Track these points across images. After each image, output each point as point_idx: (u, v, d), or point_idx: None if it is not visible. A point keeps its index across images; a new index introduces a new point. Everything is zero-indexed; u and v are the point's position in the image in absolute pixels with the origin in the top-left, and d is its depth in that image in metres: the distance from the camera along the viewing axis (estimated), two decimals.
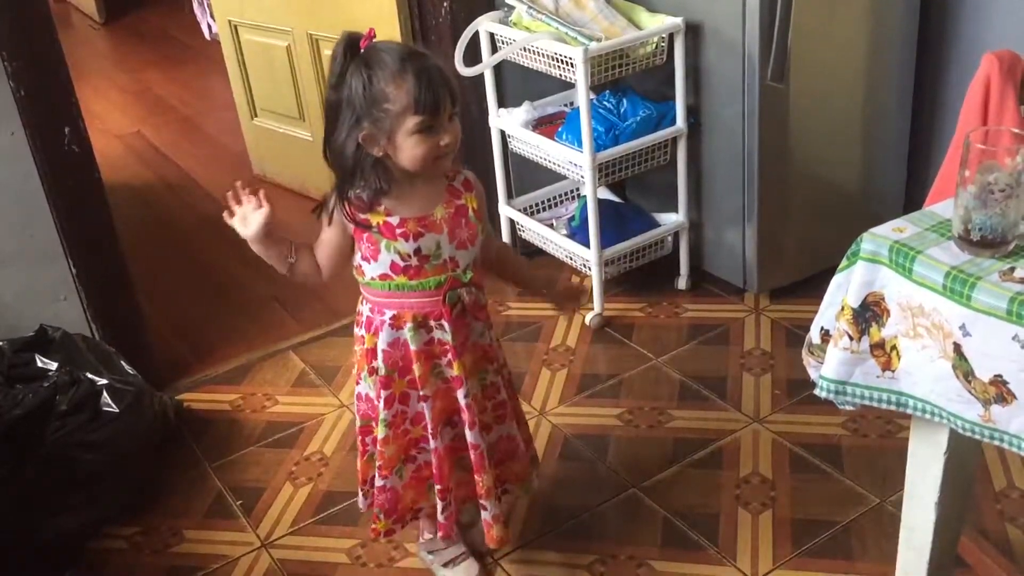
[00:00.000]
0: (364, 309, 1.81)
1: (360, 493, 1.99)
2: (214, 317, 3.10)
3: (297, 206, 3.74)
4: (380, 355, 1.78)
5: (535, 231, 2.99)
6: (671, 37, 2.64)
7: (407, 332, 1.76)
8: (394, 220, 1.69)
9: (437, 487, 1.89)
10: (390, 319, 1.76)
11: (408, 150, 1.62)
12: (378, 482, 1.89)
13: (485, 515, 1.91)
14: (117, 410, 2.25)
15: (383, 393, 1.80)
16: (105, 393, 2.26)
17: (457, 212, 1.74)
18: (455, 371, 1.80)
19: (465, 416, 1.83)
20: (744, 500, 2.18)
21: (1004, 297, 1.24)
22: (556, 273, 2.85)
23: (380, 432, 1.84)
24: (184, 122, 4.81)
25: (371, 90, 1.58)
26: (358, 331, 1.84)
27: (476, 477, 1.88)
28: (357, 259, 1.75)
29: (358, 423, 1.92)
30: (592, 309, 2.85)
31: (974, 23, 2.68)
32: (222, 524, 2.27)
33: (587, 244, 2.77)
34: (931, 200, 1.78)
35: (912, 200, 2.92)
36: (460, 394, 1.82)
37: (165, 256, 3.48)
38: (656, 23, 2.65)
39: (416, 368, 1.78)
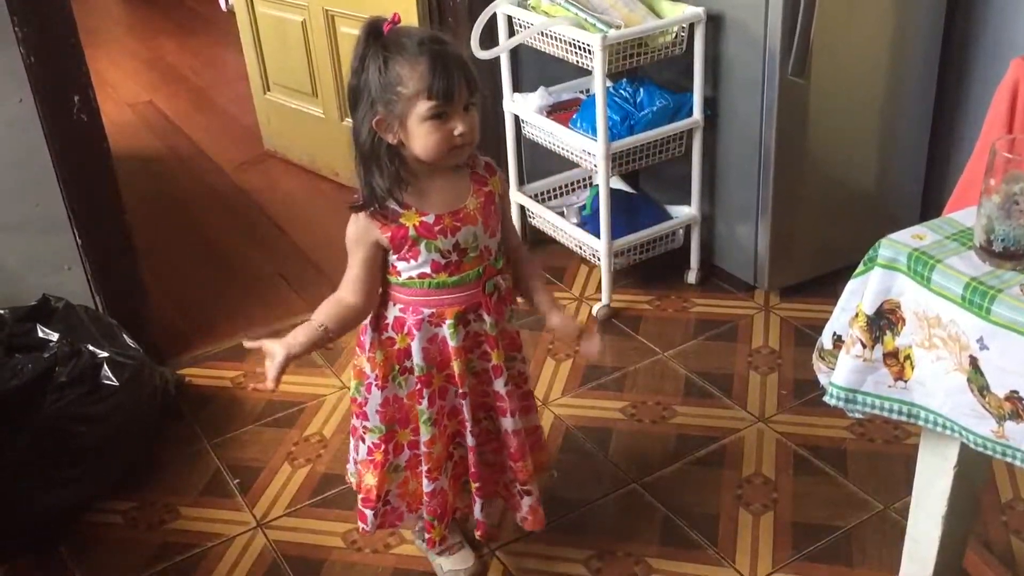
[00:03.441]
0: (391, 311, 1.74)
1: (370, 513, 1.87)
2: (219, 292, 3.08)
3: (307, 183, 3.73)
4: (418, 352, 1.72)
5: (545, 219, 2.96)
6: (691, 27, 2.60)
7: (447, 329, 1.71)
8: (429, 219, 1.64)
9: (475, 485, 1.87)
10: (429, 317, 1.71)
11: (421, 137, 1.57)
12: (427, 487, 1.83)
13: (529, 500, 1.89)
14: (117, 383, 2.23)
15: (426, 391, 1.75)
16: (105, 366, 2.24)
17: (487, 199, 1.70)
18: (494, 360, 1.77)
19: (505, 404, 1.80)
20: (745, 500, 2.16)
21: None
22: (566, 309, 2.41)
23: (425, 433, 1.78)
24: (196, 93, 4.78)
25: (386, 73, 1.54)
26: (381, 335, 1.75)
27: (517, 464, 1.85)
28: (392, 259, 1.69)
29: (379, 433, 1.81)
30: (600, 300, 2.82)
31: (1001, 25, 2.63)
32: (218, 502, 2.26)
33: (597, 234, 2.74)
34: (951, 206, 1.75)
35: (929, 203, 2.88)
36: (499, 383, 1.78)
37: (171, 229, 3.46)
38: (676, 12, 2.61)
39: (456, 365, 1.74)
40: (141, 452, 2.36)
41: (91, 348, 2.26)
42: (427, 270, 1.67)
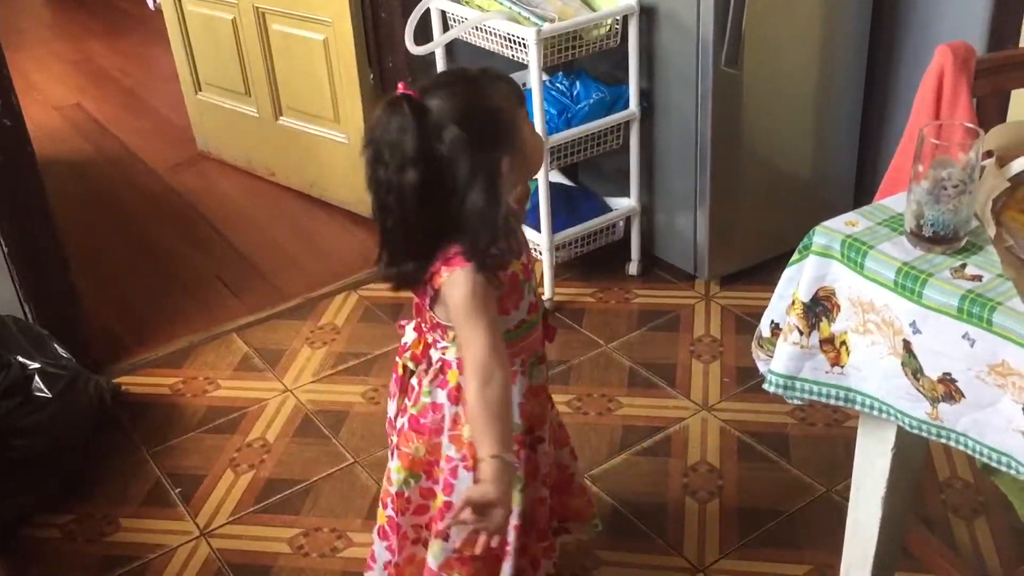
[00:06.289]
0: None
1: None
2: (155, 297, 3.01)
3: (243, 183, 3.67)
4: (517, 410, 1.57)
5: None
6: (625, 19, 2.60)
7: (535, 371, 1.62)
8: (524, 258, 1.56)
9: (542, 544, 1.73)
10: (520, 366, 1.58)
11: (534, 147, 1.48)
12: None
13: None
14: (50, 395, 2.18)
15: (523, 453, 1.61)
16: (37, 377, 2.18)
17: None
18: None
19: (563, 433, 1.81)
20: (691, 489, 2.17)
21: (955, 295, 1.23)
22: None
23: (516, 503, 1.57)
24: (126, 94, 4.67)
25: (490, 116, 1.40)
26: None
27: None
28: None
29: (411, 501, 1.66)
30: (542, 294, 2.82)
31: (926, 14, 2.68)
32: (160, 512, 2.21)
33: (538, 228, 2.73)
34: (882, 192, 1.78)
35: (862, 187, 2.93)
36: (552, 414, 1.74)
37: (104, 234, 3.38)
38: (610, 5, 2.61)
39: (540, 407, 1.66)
40: (78, 463, 2.30)
41: (21, 360, 2.20)
42: (525, 316, 1.55)
